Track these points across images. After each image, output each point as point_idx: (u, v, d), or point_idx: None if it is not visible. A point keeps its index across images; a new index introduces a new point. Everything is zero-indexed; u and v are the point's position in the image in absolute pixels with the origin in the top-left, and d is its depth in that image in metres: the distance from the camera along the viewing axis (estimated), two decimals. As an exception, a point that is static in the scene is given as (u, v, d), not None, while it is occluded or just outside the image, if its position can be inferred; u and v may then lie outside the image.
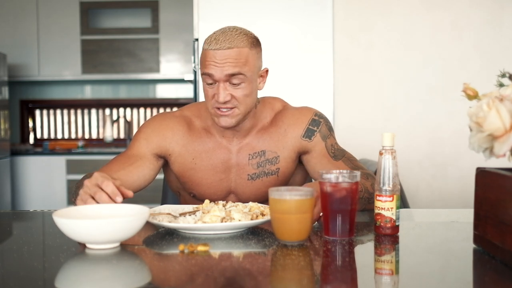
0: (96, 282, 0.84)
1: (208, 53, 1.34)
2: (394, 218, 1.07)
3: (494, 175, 0.90)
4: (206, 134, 1.46)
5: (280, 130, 1.46)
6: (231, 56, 1.32)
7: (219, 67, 1.32)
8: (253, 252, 0.99)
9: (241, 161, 1.44)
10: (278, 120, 1.47)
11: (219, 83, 1.33)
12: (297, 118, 1.47)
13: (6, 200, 4.17)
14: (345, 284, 0.82)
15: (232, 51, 1.32)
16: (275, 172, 1.45)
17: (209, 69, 1.33)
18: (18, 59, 4.61)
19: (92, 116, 5.13)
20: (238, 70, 1.32)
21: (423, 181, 2.54)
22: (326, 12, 2.50)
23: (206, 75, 1.34)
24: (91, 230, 0.95)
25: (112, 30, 4.66)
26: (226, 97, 1.33)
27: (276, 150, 1.45)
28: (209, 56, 1.33)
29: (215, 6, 2.50)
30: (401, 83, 2.54)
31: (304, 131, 1.45)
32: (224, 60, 1.32)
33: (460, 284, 0.82)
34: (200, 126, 1.47)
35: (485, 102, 0.87)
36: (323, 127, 1.47)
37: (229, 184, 1.46)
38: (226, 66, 1.31)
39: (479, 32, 2.50)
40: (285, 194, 1.01)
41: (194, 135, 1.46)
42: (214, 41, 1.34)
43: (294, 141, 1.45)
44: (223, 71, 1.32)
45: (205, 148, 1.45)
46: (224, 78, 1.32)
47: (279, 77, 2.47)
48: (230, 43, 1.33)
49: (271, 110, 1.49)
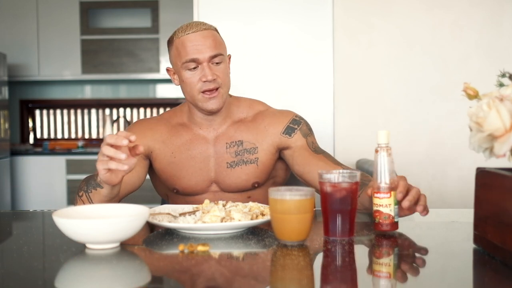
0: (96, 282, 0.84)
1: (186, 39, 1.41)
2: (392, 214, 1.07)
3: (494, 175, 0.90)
4: (183, 128, 1.51)
5: (260, 126, 1.51)
6: (209, 37, 1.41)
7: (202, 49, 1.39)
8: (253, 252, 0.99)
9: (219, 149, 1.49)
10: (258, 118, 1.53)
11: (203, 64, 1.40)
12: (277, 118, 1.53)
13: (6, 200, 4.17)
14: (345, 284, 0.82)
15: (208, 32, 1.42)
16: (254, 161, 1.49)
17: (192, 54, 1.39)
18: (18, 59, 4.61)
19: (92, 116, 5.13)
20: (218, 51, 1.41)
21: (423, 181, 2.54)
22: (326, 12, 2.50)
23: (189, 62, 1.40)
24: (91, 230, 0.95)
25: (112, 30, 4.66)
26: (213, 75, 1.40)
27: (255, 141, 1.50)
28: (188, 41, 1.40)
29: (215, 6, 2.50)
30: (401, 83, 2.54)
31: (284, 129, 1.50)
32: (204, 41, 1.40)
33: (460, 284, 0.82)
34: (177, 123, 1.53)
35: (485, 102, 0.87)
36: (303, 126, 1.52)
37: (209, 174, 1.49)
38: (208, 47, 1.40)
39: (480, 32, 2.50)
40: (285, 194, 1.01)
41: (172, 131, 1.52)
42: (188, 28, 1.42)
43: (273, 137, 1.50)
44: (207, 52, 1.39)
45: (182, 141, 1.50)
46: (207, 59, 1.40)
47: (279, 77, 2.47)
48: (205, 26, 1.44)
49: (249, 108, 1.55)
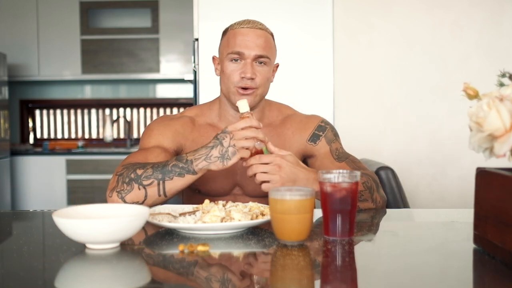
0: (96, 282, 0.84)
1: (239, 31, 1.40)
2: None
3: (494, 175, 0.90)
4: (212, 129, 1.49)
5: (288, 132, 1.50)
6: (262, 37, 1.40)
7: (250, 46, 1.38)
8: (253, 252, 0.99)
9: None
10: (287, 123, 1.52)
11: (247, 60, 1.39)
12: (304, 124, 1.52)
13: (6, 200, 4.17)
14: (345, 284, 0.82)
15: (263, 33, 1.41)
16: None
17: (240, 47, 1.38)
18: (18, 59, 4.61)
19: (92, 116, 5.13)
20: (266, 53, 1.40)
21: (423, 181, 2.54)
22: (326, 11, 2.50)
23: (235, 53, 1.39)
24: (91, 230, 0.95)
25: (112, 30, 4.67)
26: (253, 74, 1.38)
27: (282, 148, 1.46)
28: (240, 34, 1.40)
29: (215, 6, 2.50)
30: (401, 83, 2.54)
31: (309, 136, 1.50)
32: (255, 39, 1.39)
33: (460, 284, 0.82)
34: (205, 122, 1.51)
35: (485, 102, 0.87)
36: (328, 132, 1.51)
37: (235, 177, 1.47)
38: (257, 46, 1.39)
39: (480, 32, 2.50)
40: (285, 194, 1.01)
41: (201, 131, 1.49)
42: (245, 22, 1.42)
43: (299, 144, 1.49)
44: (254, 50, 1.38)
45: None
46: (252, 57, 1.39)
47: (279, 77, 2.47)
48: (261, 26, 1.43)
49: (278, 112, 1.54)
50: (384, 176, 1.80)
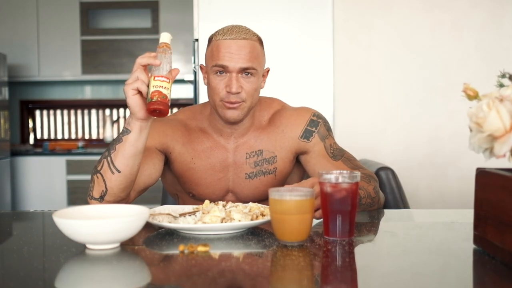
0: (96, 282, 0.84)
1: (222, 43, 1.34)
2: (168, 97, 1.15)
3: (494, 175, 0.90)
4: (203, 134, 1.46)
5: (277, 130, 1.46)
6: (246, 48, 1.33)
7: (234, 58, 1.32)
8: (253, 253, 0.99)
9: (239, 159, 1.44)
10: (276, 120, 1.47)
11: (232, 73, 1.33)
12: (295, 119, 1.46)
13: (6, 201, 4.17)
14: (345, 284, 0.82)
15: (247, 43, 1.34)
16: (273, 171, 1.45)
17: (223, 60, 1.33)
18: (18, 59, 4.61)
19: (92, 117, 5.13)
20: (251, 64, 1.34)
21: (423, 181, 2.54)
22: (326, 12, 2.50)
23: (218, 66, 1.34)
24: (91, 230, 0.95)
25: (112, 31, 4.67)
26: (238, 88, 1.33)
27: (274, 150, 1.45)
28: (223, 47, 1.33)
29: (215, 6, 2.50)
30: (401, 83, 2.54)
31: (302, 132, 1.45)
32: (239, 51, 1.33)
33: (460, 284, 0.82)
34: (196, 127, 1.47)
35: (485, 102, 0.87)
36: (321, 128, 1.46)
37: (227, 183, 1.46)
38: (242, 58, 1.32)
39: (480, 32, 2.50)
40: (285, 195, 1.01)
41: (192, 135, 1.46)
42: (228, 32, 1.35)
43: (291, 142, 1.45)
44: (238, 63, 1.33)
45: (203, 147, 1.45)
46: (237, 70, 1.33)
47: (279, 78, 2.47)
48: (245, 35, 1.35)
49: (268, 109, 1.49)
50: (384, 177, 1.80)
